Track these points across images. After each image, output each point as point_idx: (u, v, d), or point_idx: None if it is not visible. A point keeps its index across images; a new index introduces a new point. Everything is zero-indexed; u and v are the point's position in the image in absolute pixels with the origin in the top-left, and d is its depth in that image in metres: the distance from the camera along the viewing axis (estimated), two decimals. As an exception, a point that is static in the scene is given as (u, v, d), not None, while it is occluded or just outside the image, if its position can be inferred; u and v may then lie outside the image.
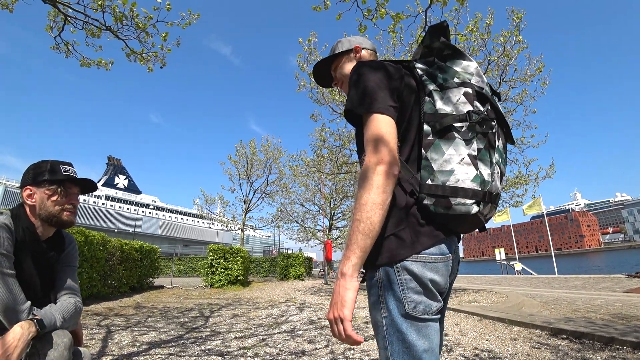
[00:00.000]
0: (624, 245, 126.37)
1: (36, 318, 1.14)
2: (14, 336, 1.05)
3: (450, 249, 0.89)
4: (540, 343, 3.39)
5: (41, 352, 1.12)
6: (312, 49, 7.40)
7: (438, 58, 0.95)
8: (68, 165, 1.39)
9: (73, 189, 1.39)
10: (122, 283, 8.68)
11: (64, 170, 1.35)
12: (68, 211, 1.36)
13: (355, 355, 3.14)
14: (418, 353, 0.80)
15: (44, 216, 1.32)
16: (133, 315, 5.62)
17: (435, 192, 0.83)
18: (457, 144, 0.83)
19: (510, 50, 6.29)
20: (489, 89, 0.94)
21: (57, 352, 1.14)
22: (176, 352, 3.33)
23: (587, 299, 7.18)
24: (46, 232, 1.36)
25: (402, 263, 0.82)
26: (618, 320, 4.65)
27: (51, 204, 1.31)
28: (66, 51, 4.78)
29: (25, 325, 1.10)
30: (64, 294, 1.36)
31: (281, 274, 17.17)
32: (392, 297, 0.83)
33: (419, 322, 0.81)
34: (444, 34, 0.97)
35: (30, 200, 1.31)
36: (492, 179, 0.84)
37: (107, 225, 61.38)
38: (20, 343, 1.06)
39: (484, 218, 0.89)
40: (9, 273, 1.15)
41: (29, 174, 1.33)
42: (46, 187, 1.31)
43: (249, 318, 5.47)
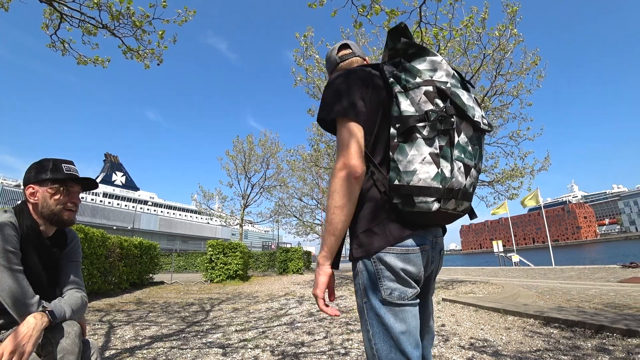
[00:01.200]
0: (620, 236, 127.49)
1: (48, 309, 1.20)
2: (28, 326, 1.11)
3: (424, 241, 0.95)
4: (533, 332, 3.48)
5: (53, 342, 1.17)
6: (309, 43, 7.39)
7: (404, 58, 0.98)
8: (70, 164, 1.43)
9: (75, 188, 1.42)
10: (122, 279, 8.74)
11: (66, 169, 1.39)
12: (69, 210, 1.40)
13: (353, 345, 3.22)
14: (396, 335, 0.88)
15: (45, 214, 1.35)
16: (134, 311, 5.69)
17: (402, 192, 0.89)
18: (419, 144, 0.88)
19: (506, 43, 6.32)
20: (456, 81, 0.97)
21: (69, 340, 1.20)
22: (178, 345, 3.40)
23: (581, 289, 7.30)
24: (49, 230, 1.40)
25: (377, 255, 0.91)
26: (610, 309, 4.76)
27: (53, 202, 1.35)
28: (62, 49, 4.77)
29: (38, 316, 1.15)
30: (69, 288, 1.41)
31: (280, 268, 17.29)
32: (370, 285, 0.93)
33: (396, 307, 0.90)
34: (404, 35, 1.00)
35: (33, 198, 1.34)
36: (452, 176, 0.87)
37: (105, 223, 61.41)
38: (35, 332, 1.11)
39: (454, 212, 0.93)
40: (17, 269, 1.20)
41: (31, 172, 1.36)
42: (48, 185, 1.35)
43: (249, 311, 5.55)
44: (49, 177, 1.34)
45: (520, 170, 7.96)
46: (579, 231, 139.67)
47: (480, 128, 0.94)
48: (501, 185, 8.55)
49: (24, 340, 1.07)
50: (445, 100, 0.91)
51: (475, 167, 0.94)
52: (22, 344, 1.06)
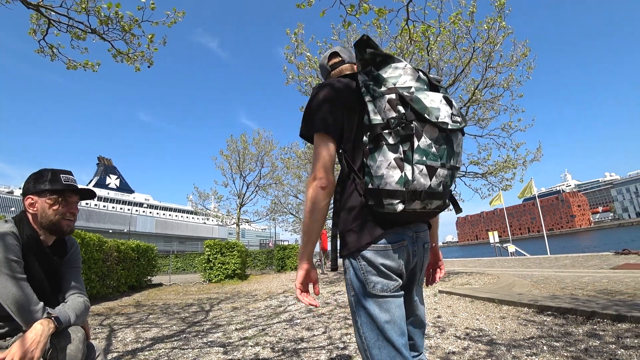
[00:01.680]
0: (613, 223, 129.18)
1: (53, 316, 1.23)
2: (36, 333, 1.14)
3: (402, 237, 1.03)
4: (527, 320, 3.56)
5: (58, 347, 1.20)
6: (299, 41, 7.39)
7: (374, 67, 1.03)
8: (68, 174, 1.45)
9: (73, 198, 1.45)
10: (120, 283, 8.74)
11: (64, 180, 1.41)
12: (68, 219, 1.43)
13: (351, 340, 3.28)
14: (381, 324, 0.97)
15: (45, 224, 1.38)
16: (134, 314, 5.71)
17: (373, 195, 0.97)
18: (385, 151, 0.95)
19: (495, 36, 6.37)
20: (422, 83, 1.01)
21: (73, 346, 1.24)
22: (179, 345, 3.44)
23: (575, 276, 7.44)
24: (49, 239, 1.43)
25: (360, 252, 1.01)
26: (602, 296, 4.87)
27: (52, 212, 1.38)
28: (51, 54, 4.73)
29: (44, 322, 1.19)
30: (71, 293, 1.44)
31: (278, 265, 17.34)
32: (356, 280, 1.02)
33: (379, 299, 0.99)
34: (368, 45, 1.05)
35: (32, 208, 1.37)
36: (413, 178, 0.92)
37: (101, 226, 60.99)
38: (42, 339, 1.14)
39: (424, 210, 0.99)
40: (21, 277, 1.23)
41: (30, 183, 1.39)
42: (47, 196, 1.37)
43: (249, 310, 5.60)
44: (47, 188, 1.37)
45: (513, 162, 8.05)
46: (573, 220, 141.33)
47: (446, 128, 0.96)
48: (494, 177, 8.65)
49: (32, 347, 1.10)
50: (406, 107, 0.95)
51: (444, 166, 0.97)
52: (30, 350, 1.10)
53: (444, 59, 7.21)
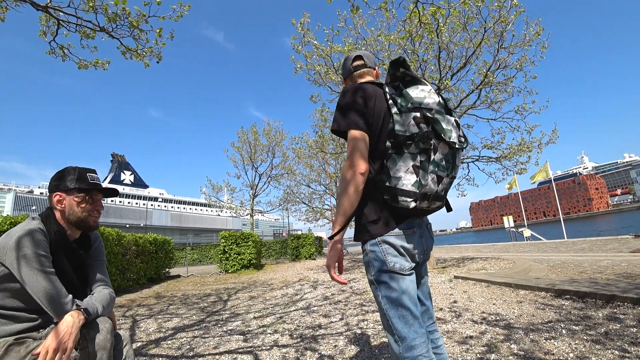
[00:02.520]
0: (633, 206, 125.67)
1: (82, 307, 1.28)
2: (68, 324, 1.20)
3: (412, 225, 1.25)
4: (544, 304, 3.54)
5: (88, 337, 1.26)
6: (306, 30, 7.30)
7: (402, 84, 1.24)
8: (93, 173, 1.52)
9: (98, 196, 1.52)
10: (140, 275, 9.01)
11: (90, 179, 1.48)
12: (94, 216, 1.50)
13: (368, 325, 3.32)
14: (398, 294, 1.18)
15: (72, 220, 1.45)
16: (155, 305, 5.89)
17: (390, 192, 1.17)
18: (406, 158, 1.16)
19: (507, 15, 6.16)
20: (440, 107, 1.21)
21: (102, 336, 1.29)
22: (200, 334, 3.55)
23: (593, 260, 7.31)
24: (74, 234, 1.49)
25: (381, 237, 1.20)
26: (622, 279, 4.78)
27: (79, 210, 1.44)
28: (62, 55, 4.80)
29: (75, 314, 1.24)
30: (97, 285, 1.51)
31: (292, 255, 17.54)
32: (376, 260, 1.21)
33: (396, 275, 1.19)
34: (402, 66, 1.26)
35: (60, 205, 1.43)
36: (426, 184, 1.14)
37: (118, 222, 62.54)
38: (74, 330, 1.20)
39: (428, 209, 1.21)
40: (50, 271, 1.29)
41: (57, 181, 1.45)
42: (75, 194, 1.44)
43: (265, 299, 5.71)
44: (75, 187, 1.43)
45: (528, 145, 7.87)
46: (590, 203, 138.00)
47: (454, 147, 1.18)
48: (509, 161, 8.48)
49: (65, 338, 1.16)
50: (428, 125, 1.16)
51: (448, 176, 1.20)
52: (63, 341, 1.16)
53: (454, 41, 7.03)
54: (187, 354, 2.89)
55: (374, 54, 7.81)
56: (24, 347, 1.25)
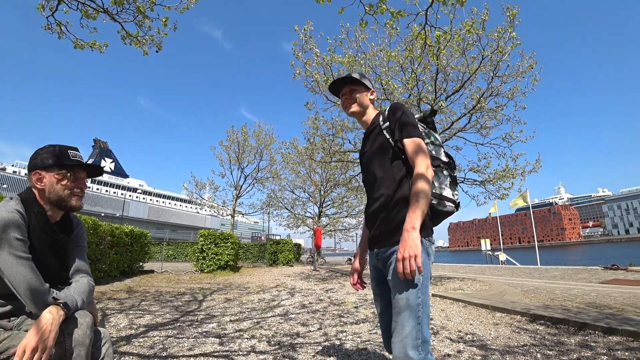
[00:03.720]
0: (602, 239, 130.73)
1: (61, 302, 1.21)
2: (47, 321, 1.12)
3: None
4: (520, 328, 3.61)
5: (66, 332, 1.18)
6: (308, 37, 7.35)
7: (429, 126, 1.64)
8: (75, 151, 1.43)
9: (81, 174, 1.43)
10: (112, 267, 8.70)
11: (72, 156, 1.39)
12: (76, 195, 1.41)
13: (347, 337, 3.30)
14: (428, 297, 1.35)
15: (53, 200, 1.35)
16: (126, 299, 5.69)
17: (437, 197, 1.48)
18: (445, 174, 1.54)
19: (504, 46, 6.39)
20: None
21: (80, 331, 1.21)
22: (174, 334, 3.43)
23: (564, 288, 7.53)
24: (55, 215, 1.41)
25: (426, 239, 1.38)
26: (592, 309, 4.94)
27: (60, 187, 1.35)
28: (59, 32, 4.66)
29: (54, 310, 1.16)
30: (76, 274, 1.42)
31: (270, 259, 17.35)
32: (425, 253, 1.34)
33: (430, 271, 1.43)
34: (434, 114, 1.65)
35: (40, 184, 1.34)
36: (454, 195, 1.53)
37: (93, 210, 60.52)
38: (54, 327, 1.12)
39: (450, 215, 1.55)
40: (25, 257, 1.20)
41: (37, 158, 1.36)
42: (55, 171, 1.35)
43: (242, 302, 5.60)
44: (55, 163, 1.35)
45: (512, 172, 8.11)
46: (563, 232, 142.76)
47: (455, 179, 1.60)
48: (492, 185, 8.70)
49: (44, 336, 1.09)
50: (449, 158, 1.59)
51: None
52: (43, 339, 1.08)
53: (451, 64, 7.22)
54: (159, 354, 2.79)
55: (372, 68, 7.94)
56: None
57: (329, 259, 29.00)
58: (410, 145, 1.42)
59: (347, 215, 23.34)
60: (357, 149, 9.84)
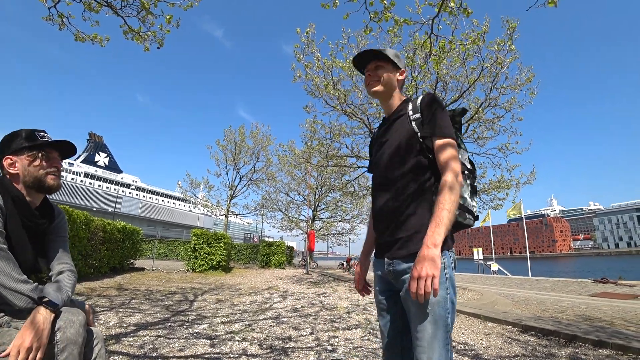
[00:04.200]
0: (592, 252, 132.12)
1: (46, 300, 1.18)
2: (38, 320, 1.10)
3: None
4: (511, 338, 3.62)
5: (58, 330, 1.15)
6: (310, 40, 7.38)
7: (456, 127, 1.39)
8: (43, 132, 1.41)
9: (53, 153, 1.41)
10: (103, 263, 8.58)
11: (40, 137, 1.37)
12: (52, 174, 1.38)
13: (339, 343, 3.29)
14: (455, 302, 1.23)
15: (29, 182, 1.33)
16: (116, 297, 5.62)
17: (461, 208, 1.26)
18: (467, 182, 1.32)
19: (503, 58, 6.46)
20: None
21: (73, 330, 1.19)
22: (164, 334, 3.39)
23: (555, 300, 7.59)
24: (35, 200, 1.38)
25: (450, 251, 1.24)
26: (582, 321, 4.98)
27: (34, 169, 1.33)
28: (60, 23, 4.62)
29: (43, 310, 1.14)
30: (59, 265, 1.39)
31: (262, 261, 17.27)
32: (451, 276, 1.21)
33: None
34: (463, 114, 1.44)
35: (13, 168, 1.32)
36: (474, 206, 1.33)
37: (85, 204, 59.81)
38: (46, 326, 1.11)
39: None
40: (2, 247, 1.17)
41: (5, 144, 1.34)
42: (26, 154, 1.33)
43: (233, 304, 5.56)
44: (25, 146, 1.33)
45: (507, 182, 8.18)
46: (554, 244, 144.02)
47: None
48: (487, 195, 8.78)
49: (37, 335, 1.07)
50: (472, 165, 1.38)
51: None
52: (37, 339, 1.07)
53: (450, 74, 7.29)
54: (150, 354, 2.75)
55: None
56: None
57: (321, 262, 28.98)
58: (441, 146, 1.23)
59: (341, 219, 23.38)
60: (354, 154, 9.87)
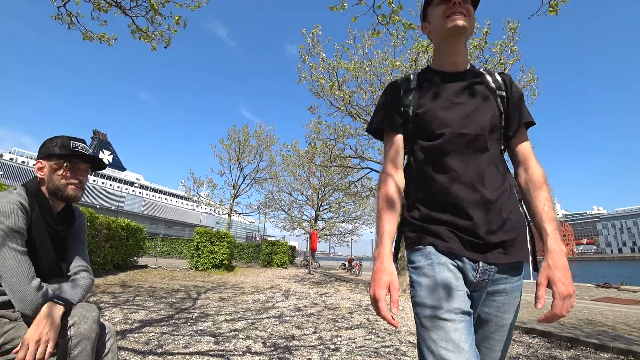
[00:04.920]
0: (595, 256, 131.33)
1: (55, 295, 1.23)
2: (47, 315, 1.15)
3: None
4: (513, 340, 3.64)
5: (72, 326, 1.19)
6: (316, 41, 7.42)
7: None
8: (79, 142, 1.43)
9: (81, 165, 1.43)
10: (107, 260, 8.65)
11: (73, 146, 1.39)
12: (74, 185, 1.40)
13: (342, 342, 3.31)
14: None
15: (51, 189, 1.36)
16: (120, 294, 5.67)
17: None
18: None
19: (506, 60, 6.47)
20: None
21: (87, 325, 1.22)
22: (169, 331, 3.43)
23: (557, 303, 7.57)
24: (57, 206, 1.41)
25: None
26: (584, 325, 4.97)
27: (57, 177, 1.36)
28: (69, 22, 4.68)
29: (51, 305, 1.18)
30: (76, 268, 1.44)
31: (265, 260, 17.30)
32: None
33: None
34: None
35: (40, 173, 1.37)
36: None
37: (89, 201, 60.06)
38: (55, 320, 1.15)
39: None
40: (21, 250, 1.20)
41: (42, 147, 1.39)
42: (54, 161, 1.36)
43: (236, 302, 5.59)
44: (55, 153, 1.36)
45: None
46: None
47: None
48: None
49: (46, 329, 1.11)
50: None
51: None
52: (45, 332, 1.11)
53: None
54: (155, 350, 2.79)
55: (377, 76, 8.01)
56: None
57: (323, 263, 28.98)
58: (526, 140, 1.05)
59: (343, 220, 23.39)
60: (358, 155, 9.89)
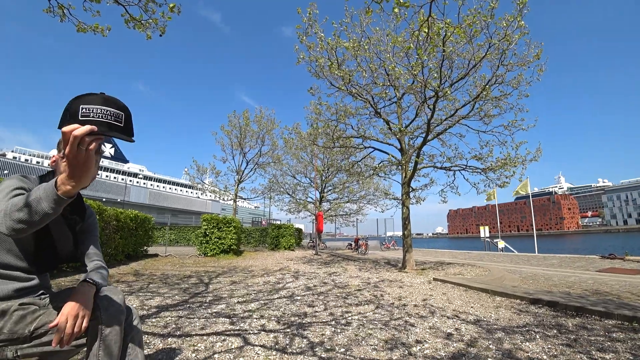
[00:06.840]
0: (600, 229, 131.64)
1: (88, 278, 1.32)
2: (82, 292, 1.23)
3: None
4: (520, 310, 3.73)
5: (101, 306, 1.27)
6: (313, 20, 7.26)
7: None
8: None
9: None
10: (118, 251, 8.84)
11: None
12: None
13: (353, 317, 3.42)
14: None
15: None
16: (134, 282, 5.82)
17: None
18: None
19: (511, 35, 6.32)
20: None
21: (114, 308, 1.30)
22: (185, 314, 3.55)
23: (562, 275, 7.68)
24: None
25: None
26: (590, 295, 5.07)
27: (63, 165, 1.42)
28: (61, 15, 4.63)
29: (85, 284, 1.28)
30: (92, 263, 1.50)
31: (272, 244, 17.55)
32: None
33: None
34: None
35: (52, 164, 1.45)
36: None
37: (94, 195, 60.62)
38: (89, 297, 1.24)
39: None
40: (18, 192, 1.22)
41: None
42: (61, 152, 1.41)
43: (248, 285, 5.74)
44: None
45: (514, 160, 8.15)
46: (562, 222, 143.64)
47: None
48: (494, 173, 8.76)
49: (83, 304, 1.19)
50: None
51: None
52: (82, 307, 1.18)
53: (457, 52, 7.16)
54: (174, 332, 2.90)
55: (376, 54, 7.87)
56: (30, 313, 1.25)
57: (329, 243, 29.33)
58: None
59: (348, 200, 23.52)
60: (360, 135, 9.85)
